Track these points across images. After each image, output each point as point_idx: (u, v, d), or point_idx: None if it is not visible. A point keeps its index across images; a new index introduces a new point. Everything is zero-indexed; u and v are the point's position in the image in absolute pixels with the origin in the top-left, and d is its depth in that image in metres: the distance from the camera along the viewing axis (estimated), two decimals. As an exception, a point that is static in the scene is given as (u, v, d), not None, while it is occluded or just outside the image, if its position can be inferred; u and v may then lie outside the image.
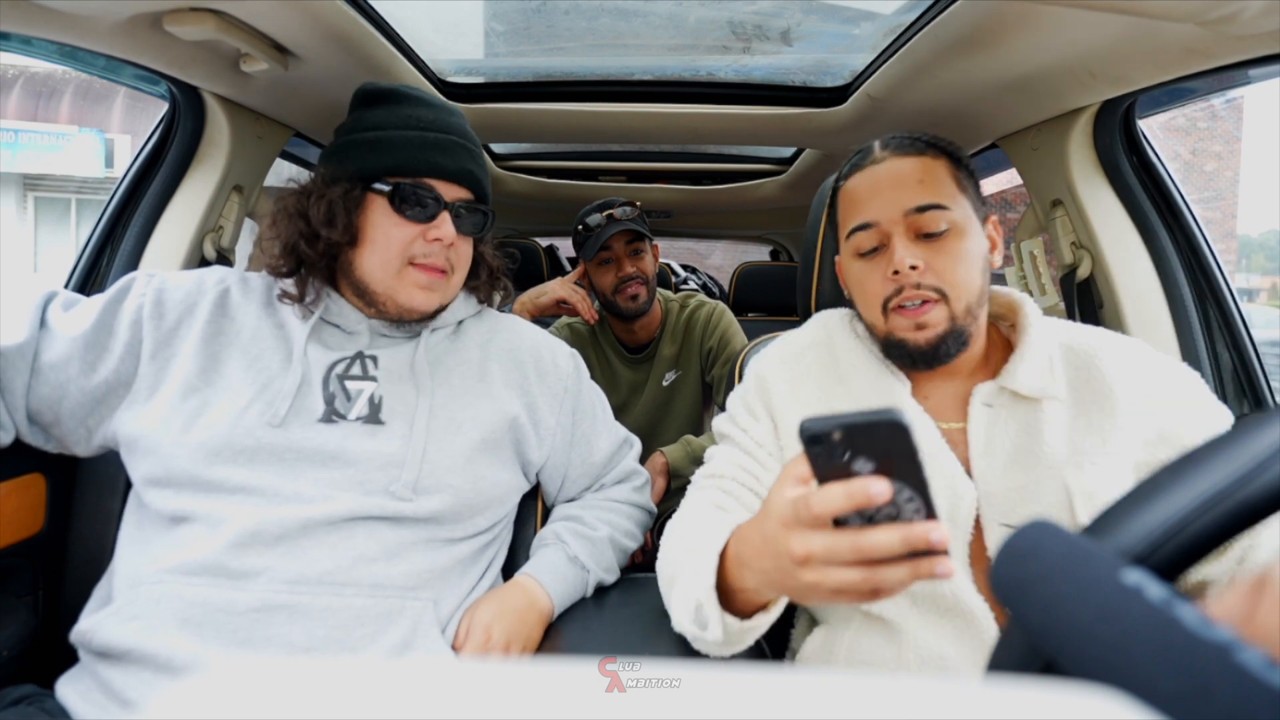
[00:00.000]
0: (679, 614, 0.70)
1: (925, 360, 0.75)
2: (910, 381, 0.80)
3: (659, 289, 1.76)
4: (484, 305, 1.00)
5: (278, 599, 0.71)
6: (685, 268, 4.21)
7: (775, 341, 0.92)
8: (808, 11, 1.38)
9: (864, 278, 0.78)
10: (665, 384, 1.75)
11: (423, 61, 1.43)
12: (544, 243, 2.96)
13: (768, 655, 0.81)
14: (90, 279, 1.24)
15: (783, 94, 1.59)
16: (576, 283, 1.68)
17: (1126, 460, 0.70)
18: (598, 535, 0.95)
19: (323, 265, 0.85)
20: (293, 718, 0.17)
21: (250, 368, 0.80)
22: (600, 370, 1.77)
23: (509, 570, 0.93)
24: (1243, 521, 0.34)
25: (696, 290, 2.39)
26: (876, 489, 0.44)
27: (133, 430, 0.77)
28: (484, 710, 0.17)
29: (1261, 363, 1.20)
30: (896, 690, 0.18)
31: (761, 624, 0.65)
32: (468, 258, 0.91)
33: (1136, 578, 0.27)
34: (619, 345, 1.78)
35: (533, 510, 1.02)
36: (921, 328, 0.74)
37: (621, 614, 0.92)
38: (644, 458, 1.31)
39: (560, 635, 0.87)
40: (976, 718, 0.17)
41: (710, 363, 1.74)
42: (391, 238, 0.83)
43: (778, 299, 2.66)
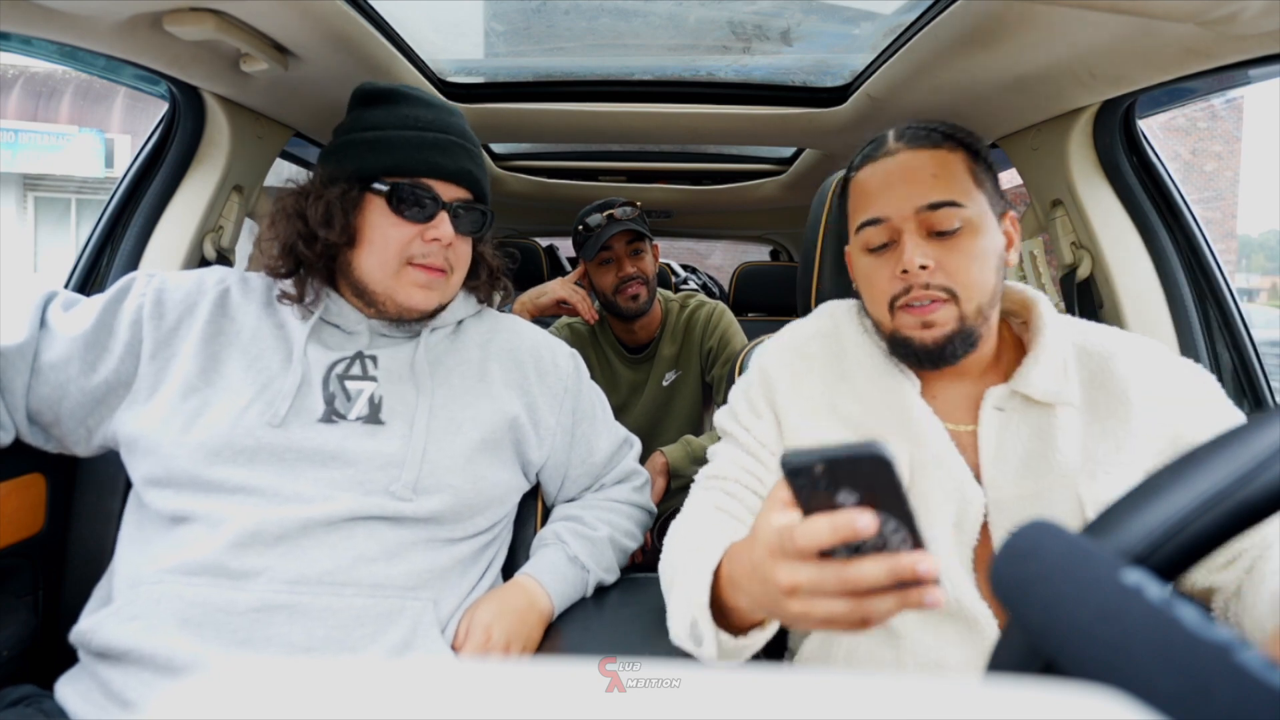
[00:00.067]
0: (676, 628, 0.69)
1: (931, 360, 0.73)
2: (920, 381, 0.77)
3: (659, 289, 1.76)
4: (484, 305, 1.00)
5: (278, 599, 0.71)
6: (685, 268, 4.21)
7: (780, 331, 0.89)
8: (808, 11, 1.38)
9: (872, 274, 0.76)
10: (665, 384, 1.75)
11: (423, 61, 1.43)
12: (544, 243, 2.95)
13: (766, 656, 0.81)
14: (90, 279, 1.24)
15: (783, 94, 1.59)
16: (576, 283, 1.68)
17: (1140, 469, 0.68)
18: (598, 535, 0.95)
19: (321, 266, 0.85)
20: (293, 718, 0.17)
21: (250, 368, 0.80)
22: (600, 370, 1.77)
23: (509, 570, 0.93)
24: (1243, 521, 0.34)
25: (696, 290, 2.39)
26: (862, 523, 0.43)
27: (133, 430, 0.77)
28: (484, 710, 0.17)
29: (1261, 363, 1.19)
30: (896, 690, 0.18)
31: (757, 641, 0.64)
32: (467, 257, 0.91)
33: (1136, 578, 0.27)
34: (619, 345, 1.78)
35: (533, 510, 1.02)
36: (928, 326, 0.71)
37: (621, 614, 0.92)
38: (644, 458, 1.31)
39: (560, 635, 0.87)
40: (976, 718, 0.17)
41: (710, 363, 1.74)
42: (389, 238, 0.83)
43: (778, 299, 2.66)
